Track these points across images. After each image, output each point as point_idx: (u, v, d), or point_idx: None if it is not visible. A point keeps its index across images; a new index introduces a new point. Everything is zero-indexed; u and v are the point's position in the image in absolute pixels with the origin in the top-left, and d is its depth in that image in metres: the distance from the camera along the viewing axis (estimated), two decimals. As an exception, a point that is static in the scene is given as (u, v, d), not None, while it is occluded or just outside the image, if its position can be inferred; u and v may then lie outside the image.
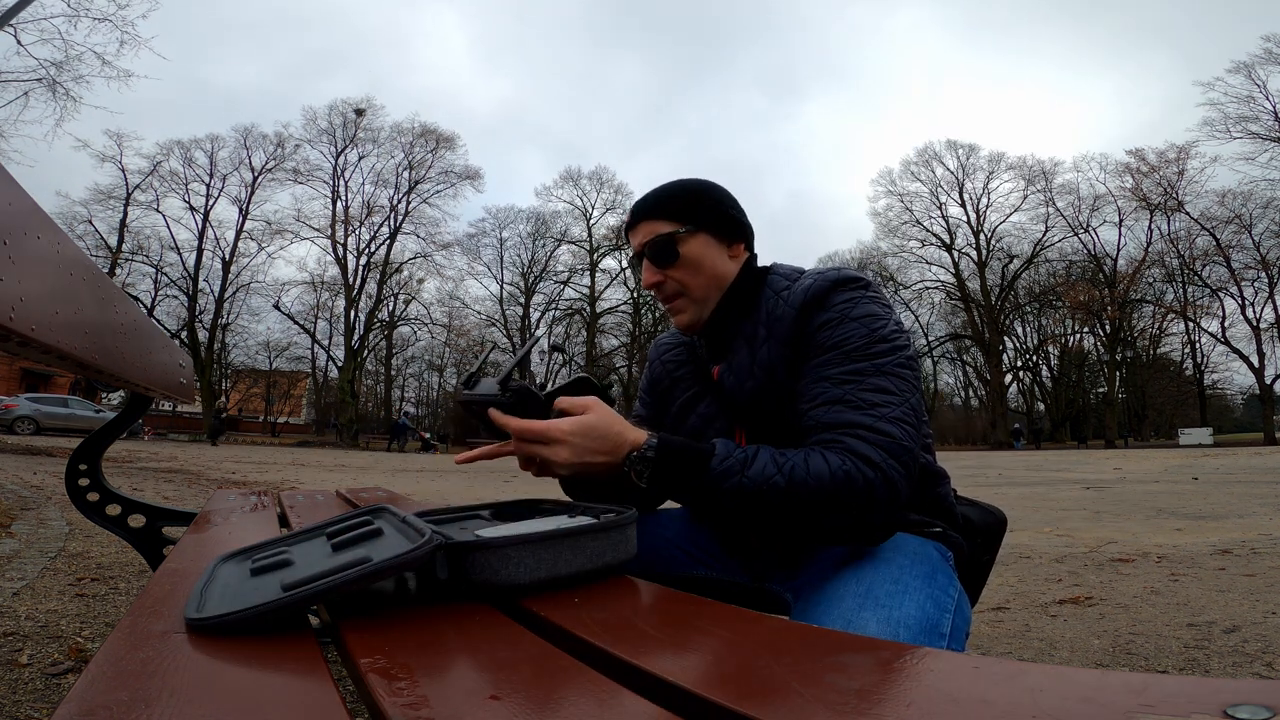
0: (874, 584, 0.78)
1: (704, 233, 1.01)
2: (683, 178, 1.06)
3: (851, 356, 0.88)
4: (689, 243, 1.00)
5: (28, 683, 1.53)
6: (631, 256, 1.07)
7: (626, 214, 1.07)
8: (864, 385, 0.86)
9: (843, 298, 0.92)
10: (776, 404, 0.95)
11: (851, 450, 0.82)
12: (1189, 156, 34.06)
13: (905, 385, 0.87)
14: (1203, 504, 5.87)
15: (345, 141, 37.88)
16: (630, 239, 1.06)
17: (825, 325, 0.91)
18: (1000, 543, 1.10)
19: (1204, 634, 2.13)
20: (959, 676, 0.42)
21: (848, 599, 0.76)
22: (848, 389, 0.86)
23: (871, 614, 0.72)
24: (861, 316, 0.90)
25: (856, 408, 0.85)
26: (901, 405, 0.85)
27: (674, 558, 1.07)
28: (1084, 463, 14.73)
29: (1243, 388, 40.64)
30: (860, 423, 0.83)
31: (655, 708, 0.40)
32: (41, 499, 4.58)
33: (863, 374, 0.87)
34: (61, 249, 0.91)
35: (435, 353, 42.76)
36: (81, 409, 21.24)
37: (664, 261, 1.01)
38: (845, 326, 0.90)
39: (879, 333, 0.89)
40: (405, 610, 0.63)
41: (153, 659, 0.49)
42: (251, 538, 0.94)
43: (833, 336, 0.90)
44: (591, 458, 0.84)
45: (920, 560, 0.84)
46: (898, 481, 0.82)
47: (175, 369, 1.98)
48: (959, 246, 39.85)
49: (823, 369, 0.90)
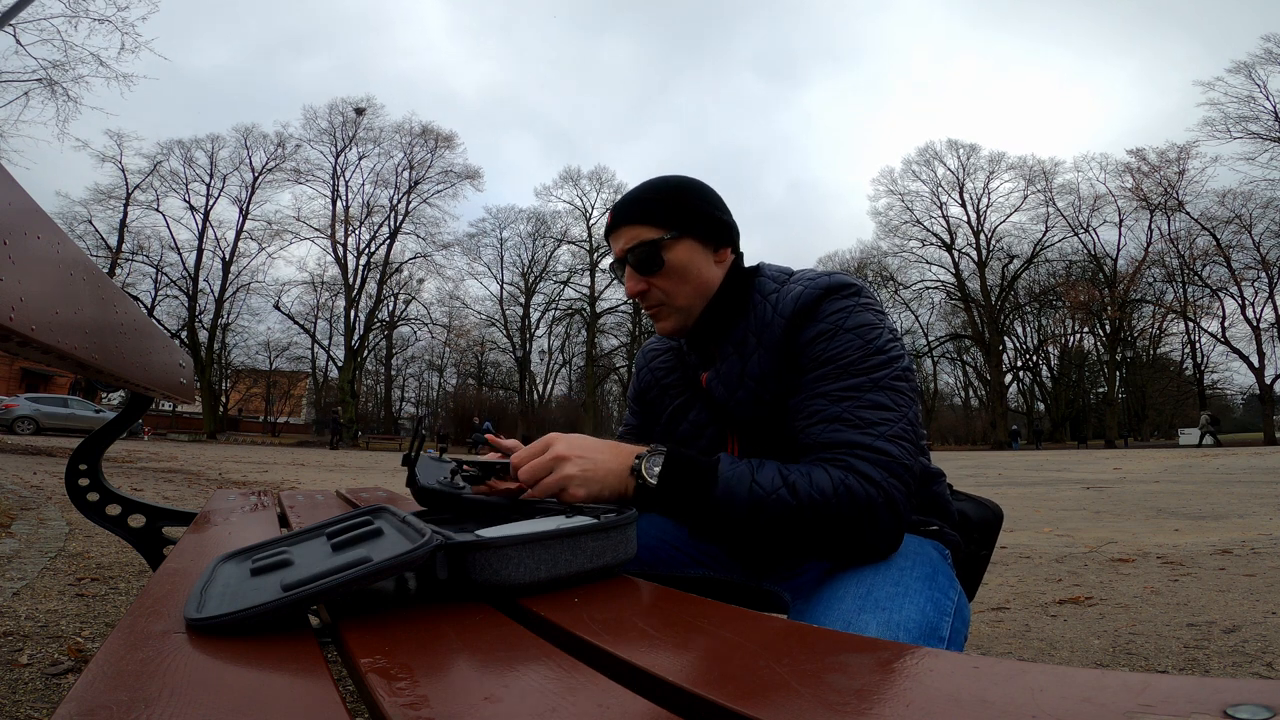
0: (874, 585, 0.77)
1: (689, 238, 0.98)
2: (665, 175, 1.02)
3: (848, 371, 0.87)
4: (674, 249, 0.97)
5: (28, 683, 1.53)
6: (613, 261, 1.04)
7: (608, 214, 1.03)
8: (861, 402, 0.85)
9: (835, 307, 0.91)
10: (769, 413, 0.94)
11: (852, 469, 0.81)
12: (1189, 156, 34.09)
13: (903, 399, 0.86)
14: (1203, 504, 5.87)
15: (345, 141, 37.94)
16: (611, 242, 1.02)
17: (819, 337, 0.90)
18: (997, 537, 1.09)
19: (1204, 634, 2.13)
20: (959, 676, 0.42)
21: (847, 600, 0.75)
22: (845, 406, 0.85)
23: (871, 616, 0.72)
24: (855, 327, 0.89)
25: (855, 426, 0.83)
26: (900, 422, 0.84)
27: (672, 558, 1.07)
28: (1084, 463, 14.73)
29: (1243, 388, 40.64)
30: (859, 442, 0.82)
31: (656, 707, 0.40)
32: (41, 499, 4.57)
33: (860, 390, 0.85)
34: (61, 249, 0.91)
35: (435, 353, 42.82)
36: (81, 409, 21.25)
37: (648, 269, 0.98)
38: (840, 339, 0.89)
39: (874, 344, 0.88)
40: (405, 610, 0.63)
41: (153, 659, 0.49)
42: (251, 538, 0.94)
43: (828, 350, 0.89)
44: (596, 455, 0.84)
45: (921, 561, 0.83)
46: (899, 501, 0.81)
47: (175, 369, 1.98)
48: (959, 246, 39.87)
49: (818, 384, 0.88)
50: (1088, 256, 38.33)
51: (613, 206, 1.02)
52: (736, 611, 0.60)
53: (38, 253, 0.81)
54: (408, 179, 38.26)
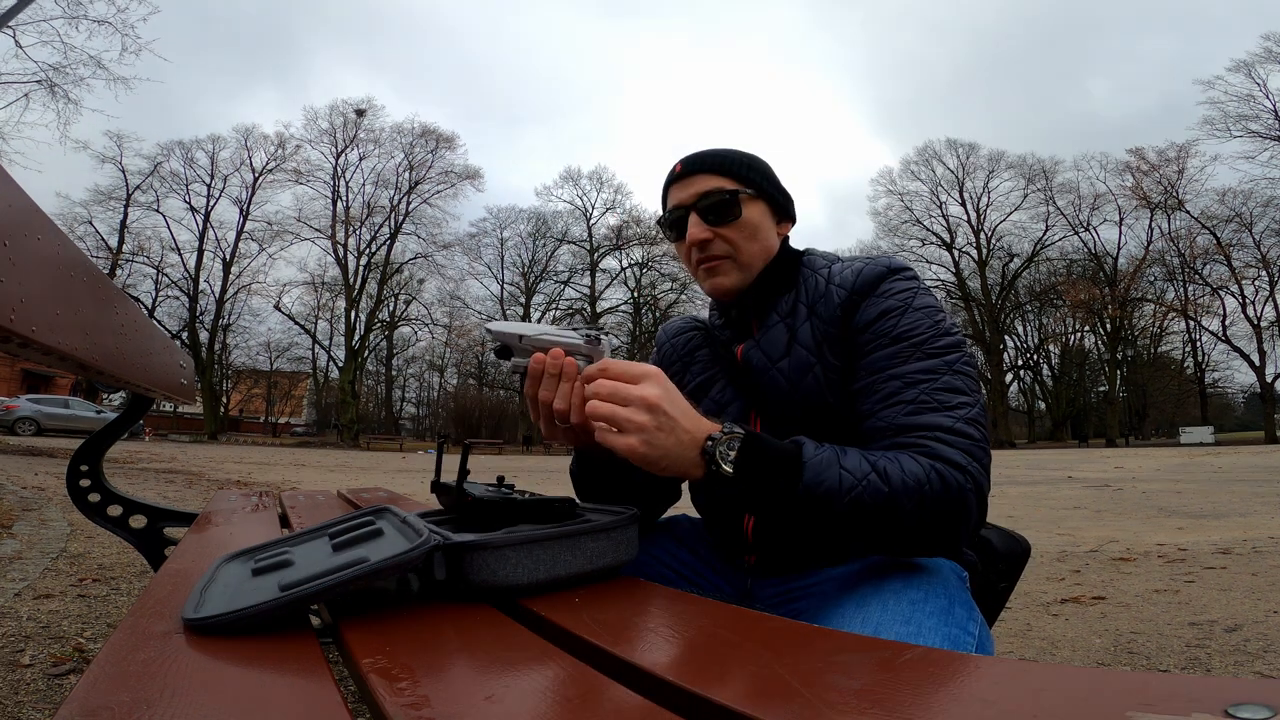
0: (882, 623, 0.69)
1: (764, 201, 0.97)
2: (733, 146, 1.00)
3: (922, 351, 0.83)
4: (751, 206, 0.95)
5: (30, 683, 1.53)
6: (669, 212, 0.98)
7: (676, 165, 0.98)
8: (939, 384, 0.81)
9: (901, 286, 0.88)
10: (814, 382, 0.90)
11: (937, 455, 0.76)
12: (1189, 155, 34.13)
13: (974, 385, 0.83)
14: (1204, 503, 5.86)
15: (346, 142, 38.02)
16: (673, 194, 0.97)
17: (888, 313, 0.86)
18: (1021, 573, 1.03)
19: (1205, 633, 2.13)
20: (960, 676, 0.42)
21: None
22: (923, 388, 0.80)
23: None
24: (924, 308, 0.86)
25: (936, 409, 0.79)
26: (975, 406, 0.81)
27: (662, 576, 1.01)
28: (1085, 461, 14.72)
29: (1244, 386, 40.63)
30: (942, 424, 0.78)
31: (656, 707, 0.40)
32: (43, 500, 4.58)
33: (936, 372, 0.82)
34: (62, 250, 0.91)
35: (436, 353, 42.88)
36: (82, 410, 21.29)
37: (720, 218, 0.94)
38: (910, 316, 0.85)
39: (942, 326, 0.85)
40: (406, 610, 0.63)
41: (154, 659, 0.49)
42: (252, 538, 0.94)
43: (898, 326, 0.85)
44: (679, 420, 0.72)
45: (936, 592, 0.75)
46: (984, 486, 0.77)
47: (176, 370, 1.99)
48: (959, 245, 39.92)
49: (891, 363, 0.84)
50: (1088, 255, 38.38)
51: (684, 158, 0.98)
52: (737, 611, 0.60)
53: (38, 254, 0.81)
54: (408, 179, 38.40)
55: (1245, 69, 30.78)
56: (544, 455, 26.87)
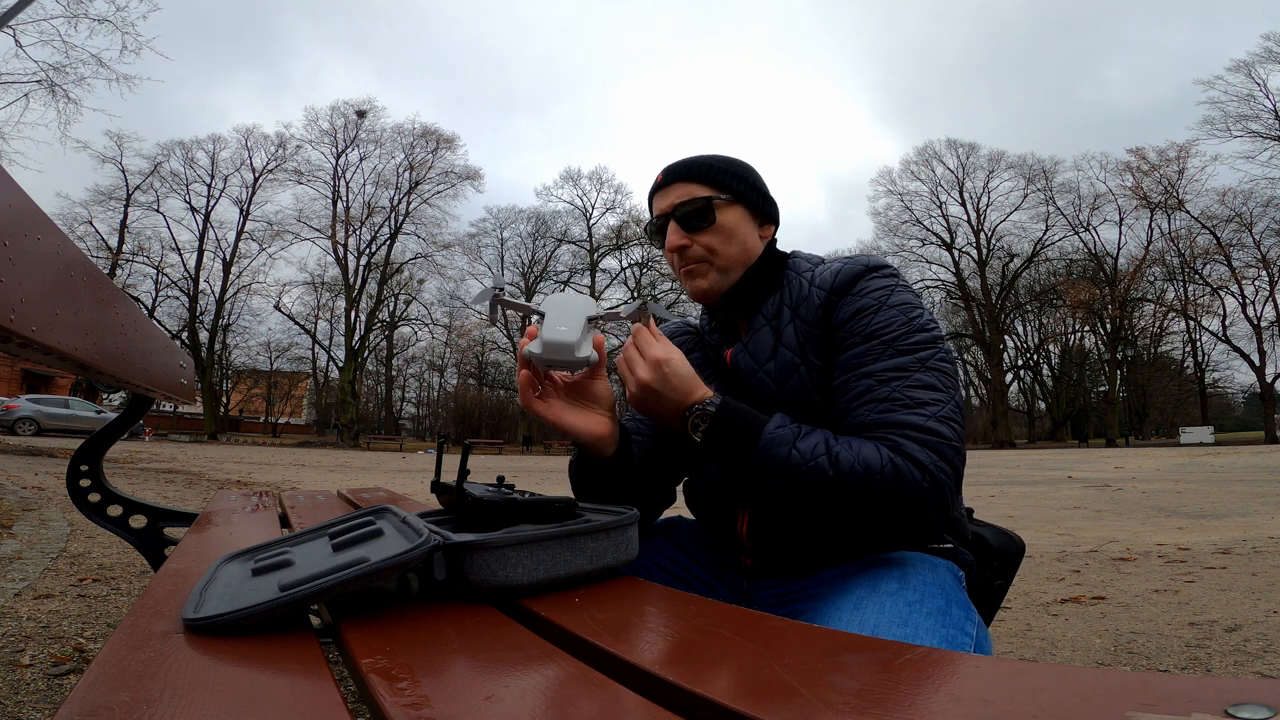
0: (879, 625, 0.71)
1: (741, 205, 0.98)
2: (716, 152, 1.02)
3: (894, 348, 0.85)
4: (726, 211, 0.97)
5: (30, 683, 1.53)
6: (653, 220, 1.02)
7: (659, 175, 1.01)
8: (910, 382, 0.82)
9: (877, 284, 0.89)
10: (799, 384, 0.92)
11: (900, 450, 0.78)
12: (1189, 155, 34.13)
13: (949, 381, 0.84)
14: (1204, 503, 5.86)
15: (346, 142, 38.02)
16: (655, 202, 1.01)
17: (862, 312, 0.88)
18: (1016, 571, 1.04)
19: (1206, 633, 2.13)
20: (959, 676, 0.42)
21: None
22: (894, 386, 0.82)
23: None
24: (899, 304, 0.87)
25: (906, 406, 0.81)
26: (949, 404, 0.82)
27: (659, 580, 1.01)
28: (1085, 461, 14.72)
29: (1244, 386, 40.66)
30: (910, 422, 0.80)
31: (656, 707, 0.40)
32: (43, 500, 4.58)
33: (907, 369, 0.83)
34: (62, 250, 0.91)
35: (436, 353, 42.91)
36: (82, 410, 21.29)
37: (695, 225, 0.97)
38: (883, 314, 0.87)
39: (916, 322, 0.86)
40: (406, 610, 0.63)
41: (154, 660, 0.49)
42: (253, 538, 0.94)
43: (871, 324, 0.87)
44: (676, 384, 0.84)
45: (932, 592, 0.77)
46: (945, 485, 0.78)
47: (176, 370, 1.99)
48: (959, 245, 39.87)
49: (863, 361, 0.86)
50: (1088, 255, 38.38)
51: (665, 168, 1.01)
52: (737, 611, 0.60)
53: (38, 254, 0.81)
54: (408, 179, 38.39)
55: (1245, 69, 30.83)
56: (544, 455, 26.88)
